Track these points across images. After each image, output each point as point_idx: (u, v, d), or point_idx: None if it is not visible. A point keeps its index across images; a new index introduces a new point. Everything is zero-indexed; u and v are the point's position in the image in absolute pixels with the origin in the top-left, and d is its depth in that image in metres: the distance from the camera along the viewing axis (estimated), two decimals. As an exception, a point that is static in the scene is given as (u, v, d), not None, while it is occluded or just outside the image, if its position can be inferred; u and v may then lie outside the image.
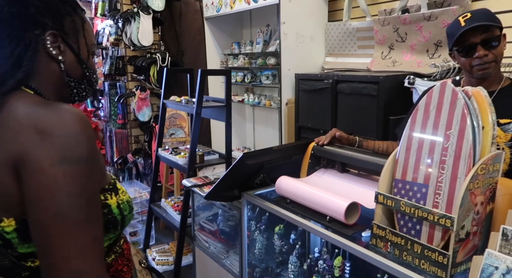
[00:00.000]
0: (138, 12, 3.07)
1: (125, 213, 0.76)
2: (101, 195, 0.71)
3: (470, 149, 0.83)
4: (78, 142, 0.63)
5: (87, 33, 0.77)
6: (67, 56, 0.74)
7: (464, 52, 1.22)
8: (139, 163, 3.35)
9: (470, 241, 0.85)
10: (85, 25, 0.77)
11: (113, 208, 0.73)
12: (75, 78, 0.76)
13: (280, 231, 1.40)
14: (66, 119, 0.64)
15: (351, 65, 2.54)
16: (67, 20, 0.73)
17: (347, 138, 1.42)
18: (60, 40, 0.72)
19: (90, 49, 0.78)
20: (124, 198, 0.77)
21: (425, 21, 2.00)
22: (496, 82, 1.25)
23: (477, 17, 1.19)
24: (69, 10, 0.74)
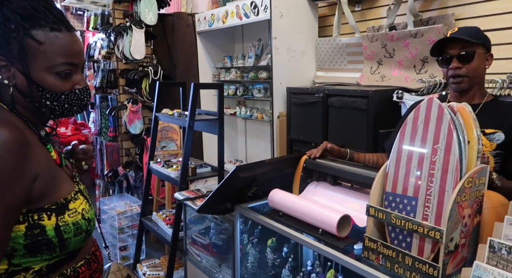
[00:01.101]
0: (131, 26, 3.09)
1: (66, 236, 0.73)
2: (36, 214, 0.70)
3: (457, 162, 0.86)
4: None
5: (42, 55, 0.72)
6: (18, 79, 0.72)
7: (443, 62, 1.32)
8: (130, 175, 3.32)
9: (459, 253, 0.87)
10: (42, 46, 0.72)
11: (48, 229, 0.71)
12: (35, 100, 0.74)
13: (272, 244, 1.40)
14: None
15: (341, 79, 2.60)
16: (13, 45, 0.70)
17: (338, 150, 1.45)
18: (9, 64, 0.71)
19: (53, 70, 0.74)
20: (70, 219, 0.74)
21: (411, 38, 2.07)
22: (479, 97, 1.31)
23: (462, 32, 1.27)
24: (16, 34, 0.70)
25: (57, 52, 0.74)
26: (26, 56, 0.71)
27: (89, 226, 0.78)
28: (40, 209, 0.71)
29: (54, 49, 0.73)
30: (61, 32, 0.75)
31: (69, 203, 0.75)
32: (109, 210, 2.93)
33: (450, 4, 2.03)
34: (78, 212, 0.76)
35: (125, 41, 3.13)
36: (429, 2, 2.13)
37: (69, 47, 0.75)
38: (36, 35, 0.72)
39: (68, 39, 0.75)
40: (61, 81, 0.75)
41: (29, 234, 0.69)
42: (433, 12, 2.10)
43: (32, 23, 0.72)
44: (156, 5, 3.20)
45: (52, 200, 0.73)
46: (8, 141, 0.64)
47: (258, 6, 2.61)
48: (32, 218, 0.69)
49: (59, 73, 0.74)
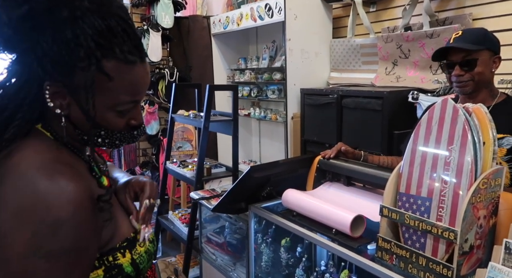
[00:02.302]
0: (148, 29, 3.17)
1: (142, 266, 0.69)
2: (111, 256, 0.64)
3: (472, 163, 0.86)
4: (60, 232, 0.53)
5: (109, 92, 0.60)
6: (72, 110, 0.61)
7: (446, 69, 1.32)
8: (147, 175, 3.39)
9: (474, 254, 0.87)
10: (110, 83, 0.59)
11: (125, 266, 0.65)
12: (85, 133, 0.64)
13: (286, 243, 1.41)
14: (52, 201, 0.53)
15: (356, 80, 2.59)
16: (78, 74, 0.57)
17: (353, 152, 1.45)
18: (65, 93, 0.59)
19: (116, 108, 0.62)
20: (142, 249, 0.69)
21: (427, 39, 2.06)
22: (490, 98, 1.30)
23: (465, 38, 1.26)
24: (85, 64, 0.57)
25: (125, 89, 0.61)
26: (92, 91, 0.58)
27: (155, 246, 0.75)
28: (113, 249, 0.65)
29: (123, 86, 0.61)
30: (135, 65, 0.61)
31: (137, 234, 0.70)
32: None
33: (467, 4, 2.00)
34: (144, 241, 0.71)
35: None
36: (445, 2, 2.10)
37: (138, 84, 0.63)
38: (107, 68, 0.58)
39: (140, 74, 0.62)
40: (120, 118, 0.64)
41: (108, 276, 0.64)
42: (450, 12, 2.08)
43: (106, 52, 0.58)
44: (172, 9, 3.27)
45: (121, 237, 0.66)
46: (77, 197, 0.56)
47: (272, 8, 2.64)
48: (107, 260, 0.64)
49: (121, 111, 0.63)
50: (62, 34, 0.55)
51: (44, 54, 0.56)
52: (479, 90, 1.29)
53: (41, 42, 0.55)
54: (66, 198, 0.54)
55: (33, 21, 0.55)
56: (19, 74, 0.60)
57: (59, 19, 0.55)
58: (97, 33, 0.57)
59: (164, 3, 3.21)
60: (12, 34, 0.56)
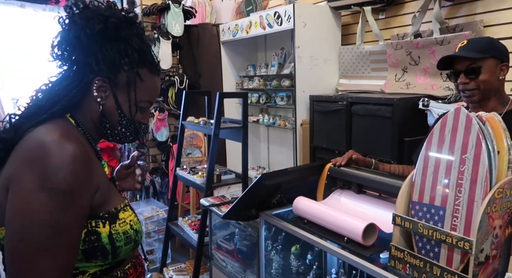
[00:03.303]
0: (159, 37, 3.22)
1: (118, 244, 0.78)
2: (93, 221, 0.76)
3: (486, 173, 0.85)
4: (60, 174, 0.67)
5: (139, 90, 0.84)
6: (108, 102, 0.83)
7: (452, 77, 1.33)
8: (156, 181, 3.42)
9: (490, 265, 0.86)
10: (140, 83, 0.83)
11: (103, 236, 0.76)
12: (110, 121, 0.84)
13: (296, 251, 1.41)
14: (57, 152, 0.69)
15: (365, 87, 2.59)
16: (121, 74, 0.82)
17: (364, 160, 1.45)
18: (107, 87, 0.82)
19: (138, 104, 0.85)
20: (121, 229, 0.79)
21: (437, 46, 2.05)
22: (500, 106, 1.29)
23: (470, 47, 1.26)
24: (128, 66, 0.82)
25: (148, 91, 0.86)
26: (132, 88, 0.83)
27: (137, 236, 0.83)
28: (96, 216, 0.76)
29: (147, 88, 0.85)
30: (155, 75, 0.88)
31: (119, 212, 0.81)
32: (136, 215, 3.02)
33: (478, 10, 1.99)
34: (127, 222, 0.81)
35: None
36: (456, 9, 2.10)
37: (155, 90, 0.90)
38: (141, 73, 0.83)
39: (157, 83, 0.90)
40: (139, 113, 0.87)
41: (87, 240, 0.74)
42: (460, 19, 2.08)
43: (142, 62, 0.83)
44: (182, 17, 3.32)
45: (105, 209, 0.79)
46: (77, 154, 0.71)
47: (281, 16, 2.66)
48: (90, 224, 0.75)
49: (142, 107, 0.87)
50: (118, 46, 0.81)
51: (103, 57, 0.80)
52: (487, 99, 1.29)
53: (103, 49, 0.80)
54: (67, 151, 0.70)
55: (103, 35, 0.80)
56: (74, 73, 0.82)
57: (118, 37, 0.82)
58: (139, 50, 0.83)
59: (174, 11, 3.26)
60: (86, 42, 0.79)
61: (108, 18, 0.80)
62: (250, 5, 3.32)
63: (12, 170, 0.70)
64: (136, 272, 0.87)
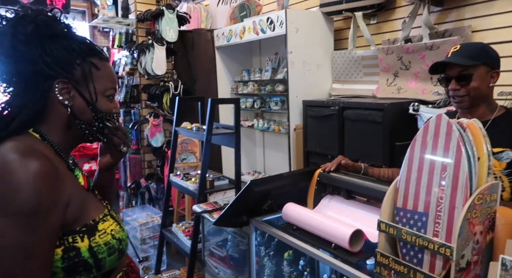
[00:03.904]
0: (153, 43, 3.24)
1: (101, 256, 0.76)
2: (70, 237, 0.73)
3: (467, 179, 0.86)
4: (21, 195, 0.64)
5: (99, 80, 0.82)
6: (76, 101, 0.80)
7: (443, 82, 1.34)
8: (152, 187, 3.42)
9: (471, 270, 0.87)
10: (98, 72, 0.82)
11: (83, 251, 0.74)
12: (85, 121, 0.82)
13: (289, 257, 1.41)
14: (18, 171, 0.65)
15: (358, 91, 2.61)
16: (77, 70, 0.79)
17: (353, 165, 1.46)
18: (70, 87, 0.79)
19: (105, 93, 0.83)
20: (101, 240, 0.76)
21: (427, 51, 2.07)
22: (488, 112, 1.30)
23: (463, 52, 1.27)
24: (79, 60, 0.79)
25: (108, 78, 0.85)
26: (90, 80, 0.80)
27: (121, 245, 0.81)
28: (73, 232, 0.74)
29: (106, 75, 0.84)
30: (106, 61, 0.86)
31: (98, 224, 0.78)
32: (131, 221, 3.02)
33: (466, 16, 2.01)
34: (107, 232, 0.79)
35: (147, 58, 3.27)
36: (444, 14, 2.12)
37: (113, 75, 0.88)
38: (95, 62, 0.82)
39: (111, 68, 0.88)
40: (109, 104, 0.85)
41: (65, 257, 0.72)
42: (449, 24, 2.10)
43: (91, 53, 0.82)
44: (176, 23, 3.34)
45: (82, 223, 0.76)
46: (41, 171, 0.67)
47: (274, 22, 2.68)
48: (67, 241, 0.73)
49: (109, 96, 0.85)
50: (61, 42, 0.77)
51: (52, 59, 0.75)
52: (477, 105, 1.30)
53: (48, 51, 0.75)
54: (30, 169, 0.66)
55: (38, 35, 0.75)
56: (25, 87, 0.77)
57: (56, 33, 0.77)
58: (81, 41, 0.82)
59: (168, 17, 3.28)
60: (25, 49, 0.74)
61: (35, 17, 0.75)
62: (244, 10, 3.35)
63: None
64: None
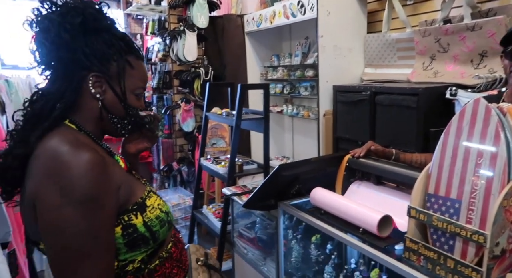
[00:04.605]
0: (184, 30, 3.28)
1: (155, 229, 0.81)
2: (125, 215, 0.78)
3: (505, 165, 0.83)
4: (81, 184, 0.69)
5: (131, 78, 0.84)
6: (107, 95, 0.82)
7: (510, 55, 1.19)
8: (183, 170, 3.54)
9: (506, 259, 0.84)
10: (132, 71, 0.84)
11: (139, 226, 0.79)
12: (116, 115, 0.85)
13: (316, 240, 1.43)
14: (73, 162, 0.70)
15: (391, 76, 2.52)
16: (112, 65, 0.81)
17: (383, 151, 1.43)
18: (103, 81, 0.81)
19: (134, 92, 0.86)
20: (152, 215, 0.82)
21: (468, 32, 1.95)
22: None
23: None
24: (116, 56, 0.81)
25: (140, 77, 0.87)
26: (124, 76, 0.83)
27: (168, 217, 0.87)
28: (127, 211, 0.79)
29: (139, 74, 0.87)
30: (141, 60, 0.88)
31: (145, 201, 0.84)
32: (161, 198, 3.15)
33: (513, -7, 1.87)
34: (155, 207, 0.84)
35: (179, 44, 3.32)
36: (489, -9, 1.98)
37: (145, 75, 0.90)
38: (131, 60, 0.84)
39: (144, 68, 0.91)
40: (136, 102, 0.88)
41: (125, 234, 0.78)
42: (494, 3, 1.95)
43: (128, 50, 0.84)
44: (207, 9, 3.35)
45: (133, 202, 0.81)
46: (93, 161, 0.72)
47: (305, 5, 2.63)
48: (123, 220, 0.78)
49: (137, 94, 0.87)
50: (103, 37, 0.80)
51: (91, 50, 0.78)
52: None
53: (89, 42, 0.78)
54: (82, 159, 0.71)
55: (84, 27, 0.78)
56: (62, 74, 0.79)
57: (99, 27, 0.80)
58: (122, 37, 0.84)
59: (199, 3, 3.30)
60: (69, 38, 0.76)
61: (84, 10, 0.77)
62: (274, -6, 3.30)
63: (34, 186, 0.72)
64: (178, 249, 0.93)
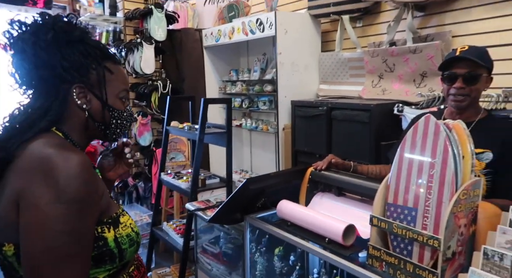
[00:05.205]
0: (141, 42, 3.22)
1: (124, 247, 0.81)
2: (99, 227, 0.77)
3: (453, 176, 0.93)
4: (73, 185, 0.70)
5: (113, 82, 0.87)
6: (93, 104, 0.85)
7: (447, 80, 1.34)
8: (140, 186, 3.40)
9: (456, 260, 0.94)
10: (112, 76, 0.87)
11: (110, 241, 0.78)
12: (102, 121, 0.87)
13: (280, 252, 1.47)
14: (67, 163, 0.71)
15: (344, 92, 2.69)
16: (92, 74, 0.84)
17: (342, 163, 1.53)
18: (86, 91, 0.83)
19: (119, 95, 0.89)
20: (124, 232, 0.81)
21: (411, 54, 2.17)
22: (474, 114, 1.37)
23: (471, 52, 1.29)
24: (95, 65, 0.84)
25: (121, 80, 0.90)
26: (104, 84, 0.85)
27: (138, 238, 0.86)
28: (101, 222, 0.78)
29: (119, 78, 0.90)
30: (119, 64, 0.92)
31: (119, 217, 0.83)
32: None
33: (447, 21, 2.12)
34: (127, 225, 0.84)
35: (135, 57, 3.25)
36: (427, 19, 2.23)
37: (125, 77, 0.94)
38: (109, 66, 0.87)
39: (123, 71, 0.94)
40: (122, 104, 0.91)
41: (95, 246, 0.76)
42: (431, 29, 2.20)
43: (105, 57, 0.87)
44: (165, 22, 3.33)
45: (108, 215, 0.81)
46: (83, 163, 0.73)
47: (263, 23, 2.73)
48: (96, 231, 0.77)
49: (122, 97, 0.90)
50: (77, 48, 0.82)
51: (68, 63, 0.80)
52: (469, 106, 1.33)
53: (65, 56, 0.80)
54: (73, 161, 0.72)
55: (58, 42, 0.79)
56: (46, 90, 0.81)
57: (73, 39, 0.82)
58: (97, 46, 0.86)
59: (157, 16, 3.27)
60: (45, 55, 0.78)
61: (54, 25, 0.80)
62: (233, 11, 3.38)
63: (21, 184, 0.71)
64: (140, 273, 0.91)
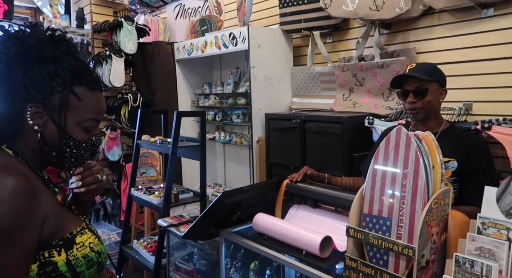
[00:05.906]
0: (111, 55, 3.14)
1: (79, 270, 0.75)
2: (46, 251, 0.72)
3: (424, 185, 0.96)
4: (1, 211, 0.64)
5: (78, 109, 0.79)
6: (48, 127, 0.77)
7: (402, 96, 1.47)
8: (108, 203, 3.26)
9: (430, 268, 0.96)
10: (79, 102, 0.79)
11: (60, 265, 0.73)
12: (55, 148, 0.79)
13: (255, 267, 1.44)
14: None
15: (316, 105, 2.74)
16: (55, 97, 0.76)
17: (317, 175, 1.54)
18: (44, 113, 0.76)
19: (82, 124, 0.80)
20: (79, 253, 0.76)
21: (379, 69, 2.26)
22: (437, 126, 1.46)
23: (418, 69, 1.42)
24: (61, 88, 0.76)
25: (90, 109, 0.81)
26: (67, 108, 0.77)
27: (100, 258, 0.80)
28: (49, 246, 0.73)
29: (89, 106, 0.81)
30: (96, 91, 0.83)
31: (75, 237, 0.77)
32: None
33: (411, 39, 2.24)
34: (85, 245, 0.78)
35: (104, 70, 3.16)
36: (393, 36, 2.34)
37: (99, 106, 0.84)
38: (77, 91, 0.79)
39: (99, 98, 0.84)
40: (84, 134, 0.82)
41: (41, 273, 0.71)
42: (397, 46, 2.31)
43: (77, 81, 0.79)
44: (136, 35, 3.28)
45: (58, 237, 0.75)
46: (17, 188, 0.67)
47: (236, 37, 2.75)
48: (43, 256, 0.71)
49: (86, 127, 0.81)
50: (46, 68, 0.76)
51: (31, 82, 0.74)
52: (428, 118, 1.45)
53: (29, 73, 0.75)
54: (6, 186, 0.66)
55: (24, 58, 0.75)
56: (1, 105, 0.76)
57: (44, 58, 0.76)
58: (71, 68, 0.79)
59: (127, 29, 3.22)
60: (6, 69, 0.74)
61: (25, 40, 0.75)
62: (205, 25, 3.39)
63: None
64: None
